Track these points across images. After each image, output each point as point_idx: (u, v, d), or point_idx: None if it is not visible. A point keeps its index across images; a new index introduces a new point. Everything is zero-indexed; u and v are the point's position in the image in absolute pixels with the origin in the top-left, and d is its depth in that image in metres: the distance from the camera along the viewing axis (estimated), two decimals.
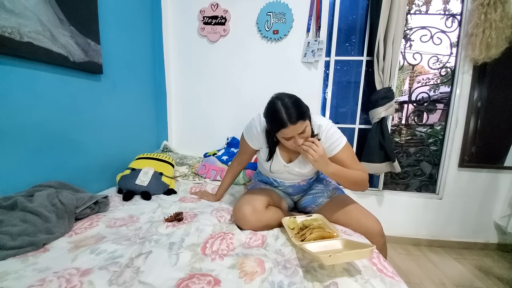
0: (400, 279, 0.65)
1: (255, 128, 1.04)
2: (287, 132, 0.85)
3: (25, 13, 0.87)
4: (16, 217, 0.73)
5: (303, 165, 1.04)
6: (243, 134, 1.11)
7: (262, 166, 1.14)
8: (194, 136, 1.95)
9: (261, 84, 1.81)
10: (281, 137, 0.91)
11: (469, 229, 1.85)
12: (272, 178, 1.16)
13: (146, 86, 1.72)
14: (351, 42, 1.89)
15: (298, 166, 1.04)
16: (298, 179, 1.12)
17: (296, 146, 0.89)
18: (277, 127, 0.85)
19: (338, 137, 0.97)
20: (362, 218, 0.95)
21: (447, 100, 1.83)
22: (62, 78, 1.06)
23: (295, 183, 1.13)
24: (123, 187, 1.24)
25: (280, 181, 1.14)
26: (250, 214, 0.91)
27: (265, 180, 1.22)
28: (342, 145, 0.96)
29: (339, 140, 0.96)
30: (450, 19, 1.73)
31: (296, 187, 1.15)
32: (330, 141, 0.96)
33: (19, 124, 0.89)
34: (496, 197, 1.81)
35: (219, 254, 0.74)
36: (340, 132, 0.99)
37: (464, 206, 1.84)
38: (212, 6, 1.75)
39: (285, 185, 1.14)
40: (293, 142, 0.88)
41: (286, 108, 0.82)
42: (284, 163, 1.04)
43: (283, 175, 1.10)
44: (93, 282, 0.58)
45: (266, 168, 1.10)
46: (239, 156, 1.19)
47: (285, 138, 0.89)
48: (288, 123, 0.82)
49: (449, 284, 1.43)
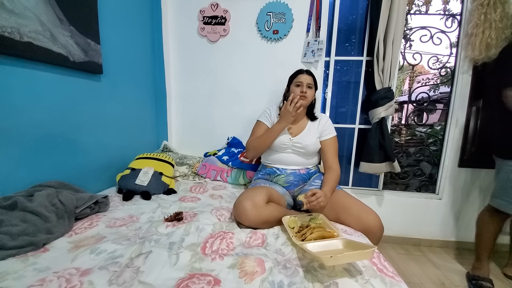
0: (400, 279, 0.65)
1: (269, 108, 1.33)
2: (301, 77, 1.21)
3: (25, 13, 0.87)
4: (16, 217, 0.73)
5: (305, 138, 1.22)
6: (258, 120, 1.33)
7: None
8: (194, 136, 1.95)
9: (261, 84, 1.81)
10: (295, 84, 1.23)
11: (469, 229, 1.85)
12: (275, 167, 1.25)
13: (146, 86, 1.72)
14: (351, 42, 1.89)
15: (301, 139, 1.22)
16: (300, 162, 1.24)
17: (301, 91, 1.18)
18: (296, 73, 1.25)
19: (332, 128, 1.26)
20: (363, 213, 0.99)
21: (447, 100, 1.83)
22: (62, 78, 1.06)
23: (296, 170, 1.23)
24: (123, 187, 1.24)
25: (283, 168, 1.23)
26: (250, 209, 0.92)
27: (268, 171, 1.27)
28: (332, 135, 1.24)
29: (332, 130, 1.25)
30: (450, 19, 1.73)
31: (297, 175, 1.23)
32: (326, 127, 1.25)
33: (19, 124, 0.89)
34: None
35: (219, 253, 0.74)
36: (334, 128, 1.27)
37: (464, 206, 1.84)
38: (212, 6, 1.75)
39: (287, 172, 1.22)
40: (300, 89, 1.19)
41: (305, 69, 1.26)
42: (289, 137, 1.23)
43: (288, 156, 1.23)
44: (93, 282, 0.58)
45: (274, 142, 1.22)
46: (255, 134, 1.27)
47: (298, 83, 1.21)
48: (304, 72, 1.24)
49: (449, 284, 1.43)
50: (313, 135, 1.23)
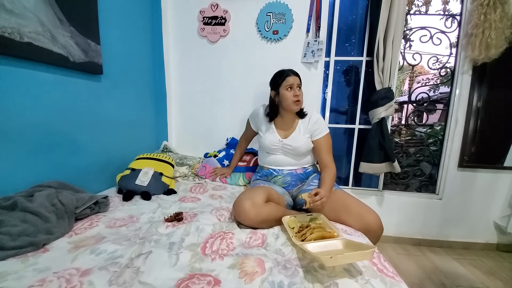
0: (400, 279, 0.65)
1: (258, 110, 1.32)
2: (290, 80, 1.16)
3: (25, 13, 0.87)
4: (16, 218, 0.73)
5: (295, 139, 1.21)
6: (248, 119, 1.40)
7: (261, 145, 1.29)
8: (194, 136, 1.95)
9: (261, 85, 1.81)
10: (285, 87, 1.17)
11: (469, 229, 1.85)
12: (271, 168, 1.26)
13: (146, 86, 1.72)
14: (351, 42, 1.89)
15: (291, 141, 1.21)
16: (294, 162, 1.24)
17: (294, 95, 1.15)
18: (283, 76, 1.17)
19: (324, 126, 1.22)
20: (363, 212, 1.00)
21: (446, 100, 1.83)
22: (62, 78, 1.06)
23: (292, 170, 1.23)
24: (123, 187, 1.24)
25: (279, 169, 1.24)
26: (249, 208, 0.92)
27: (265, 173, 1.27)
28: (324, 133, 1.21)
29: (324, 128, 1.21)
30: (450, 19, 1.74)
31: (294, 175, 1.23)
32: (317, 125, 1.21)
33: (19, 124, 0.89)
34: (496, 197, 1.81)
35: (219, 254, 0.74)
36: (326, 125, 1.24)
37: (464, 206, 1.84)
38: (212, 6, 1.75)
39: (284, 173, 1.23)
40: (293, 93, 1.16)
41: (288, 69, 1.21)
42: (279, 138, 1.23)
43: (280, 157, 1.24)
44: (93, 282, 0.58)
45: (264, 143, 1.25)
46: (245, 134, 1.48)
47: (288, 86, 1.16)
48: (291, 73, 1.18)
49: (449, 285, 1.43)
50: (303, 135, 1.22)
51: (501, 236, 1.84)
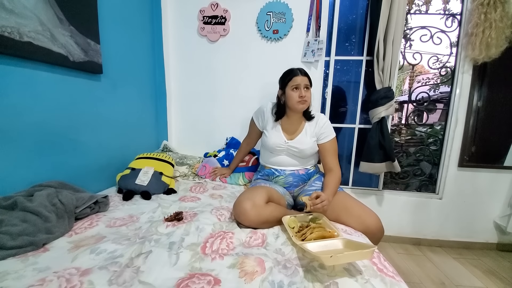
0: (400, 279, 0.65)
1: (264, 107, 1.28)
2: (297, 80, 1.12)
3: (24, 12, 0.87)
4: (16, 217, 0.73)
5: (301, 141, 1.19)
6: (252, 117, 1.35)
7: (265, 144, 1.26)
8: (194, 136, 1.95)
9: (261, 84, 1.81)
10: (291, 87, 1.14)
11: (469, 229, 1.85)
12: (273, 168, 1.24)
13: (146, 86, 1.72)
14: (351, 42, 1.88)
15: (297, 143, 1.19)
16: (297, 164, 1.22)
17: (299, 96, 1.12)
18: (290, 76, 1.14)
19: (331, 130, 1.20)
20: (364, 214, 0.99)
21: (447, 100, 1.83)
22: (62, 78, 1.05)
23: (294, 171, 1.22)
24: (123, 186, 1.24)
25: (281, 169, 1.22)
26: (250, 209, 0.91)
27: (267, 172, 1.26)
28: (331, 137, 1.19)
29: (330, 132, 1.20)
30: (450, 19, 1.73)
31: (296, 176, 1.22)
32: (323, 129, 1.19)
33: (19, 124, 0.89)
34: (496, 197, 1.81)
35: (219, 253, 0.74)
36: (333, 128, 1.22)
37: (464, 206, 1.84)
38: (212, 5, 1.74)
39: (286, 173, 1.21)
40: (298, 94, 1.12)
41: (297, 68, 1.17)
42: (284, 139, 1.20)
43: (283, 158, 1.22)
44: (93, 282, 0.58)
45: (268, 143, 1.22)
46: (247, 138, 1.45)
47: (294, 86, 1.13)
48: (298, 73, 1.14)
49: (449, 284, 1.43)
50: (309, 138, 1.19)
51: (501, 236, 1.84)
